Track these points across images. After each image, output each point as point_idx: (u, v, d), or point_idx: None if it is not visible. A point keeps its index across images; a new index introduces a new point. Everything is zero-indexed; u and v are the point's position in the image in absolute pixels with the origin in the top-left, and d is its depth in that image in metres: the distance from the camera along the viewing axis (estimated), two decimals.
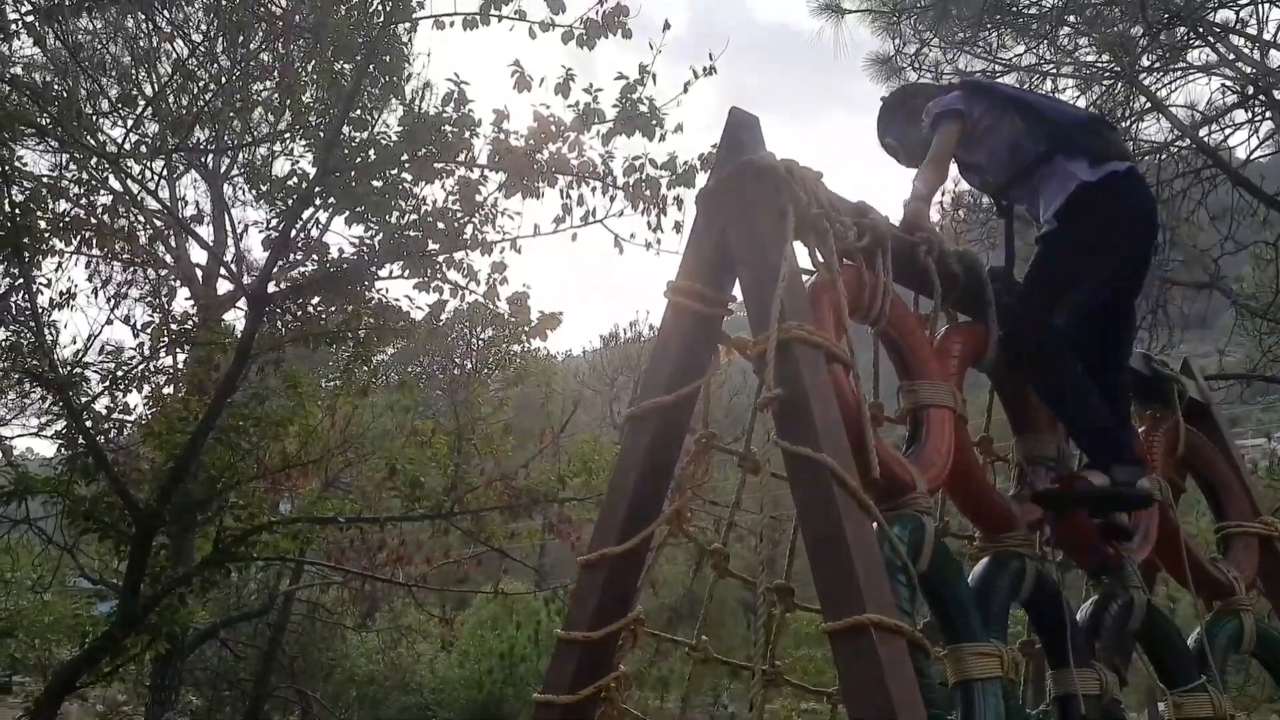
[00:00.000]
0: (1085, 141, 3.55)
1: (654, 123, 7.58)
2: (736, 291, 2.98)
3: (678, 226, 7.89)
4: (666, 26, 7.76)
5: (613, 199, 7.90)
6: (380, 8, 7.23)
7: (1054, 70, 9.46)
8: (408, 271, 7.93)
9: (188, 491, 8.04)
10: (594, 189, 7.91)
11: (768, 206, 2.77)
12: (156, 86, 9.60)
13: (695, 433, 3.08)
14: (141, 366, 8.32)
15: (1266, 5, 9.23)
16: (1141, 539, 3.45)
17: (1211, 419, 4.13)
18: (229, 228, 12.43)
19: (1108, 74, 9.49)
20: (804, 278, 2.89)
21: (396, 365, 16.40)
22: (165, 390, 8.67)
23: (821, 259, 2.87)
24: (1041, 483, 3.29)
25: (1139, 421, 3.86)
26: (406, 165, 7.55)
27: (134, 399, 9.97)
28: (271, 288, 7.95)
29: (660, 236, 7.91)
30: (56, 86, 8.28)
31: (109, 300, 9.24)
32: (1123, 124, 9.49)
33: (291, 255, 7.88)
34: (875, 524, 2.52)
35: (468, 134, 7.62)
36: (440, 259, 7.95)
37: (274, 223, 7.67)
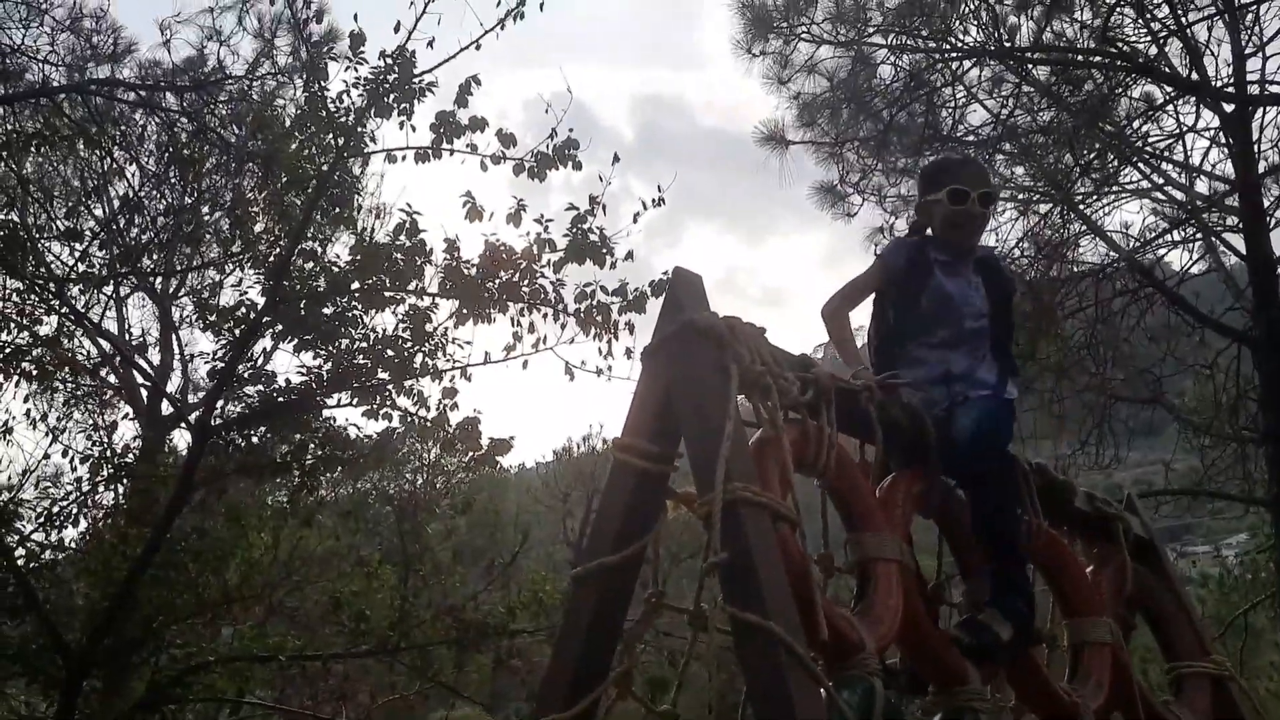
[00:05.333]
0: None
1: (604, 251, 7.67)
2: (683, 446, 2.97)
3: (629, 352, 7.90)
4: (616, 159, 7.95)
5: (564, 326, 7.91)
6: (333, 142, 7.31)
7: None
8: (356, 399, 7.85)
9: (122, 631, 7.74)
10: (545, 316, 7.93)
11: (711, 365, 2.78)
12: (107, 213, 9.58)
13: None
14: (79, 500, 8.08)
15: (1191, 136, 9.68)
16: (1094, 688, 3.41)
17: (1157, 554, 4.14)
18: (176, 348, 12.32)
19: (1045, 199, 9.84)
20: (749, 430, 2.88)
21: (344, 483, 16.07)
22: (102, 524, 8.40)
23: (766, 415, 2.87)
24: None
25: (1086, 561, 3.85)
26: (357, 294, 7.55)
27: (69, 533, 9.69)
28: (216, 417, 7.81)
29: (611, 363, 7.92)
30: (3, 215, 8.23)
31: (49, 433, 9.02)
32: (1062, 247, 9.81)
33: (237, 384, 7.78)
34: (824, 691, 2.47)
35: (419, 262, 7.65)
36: (390, 386, 7.90)
37: (220, 353, 7.59)
